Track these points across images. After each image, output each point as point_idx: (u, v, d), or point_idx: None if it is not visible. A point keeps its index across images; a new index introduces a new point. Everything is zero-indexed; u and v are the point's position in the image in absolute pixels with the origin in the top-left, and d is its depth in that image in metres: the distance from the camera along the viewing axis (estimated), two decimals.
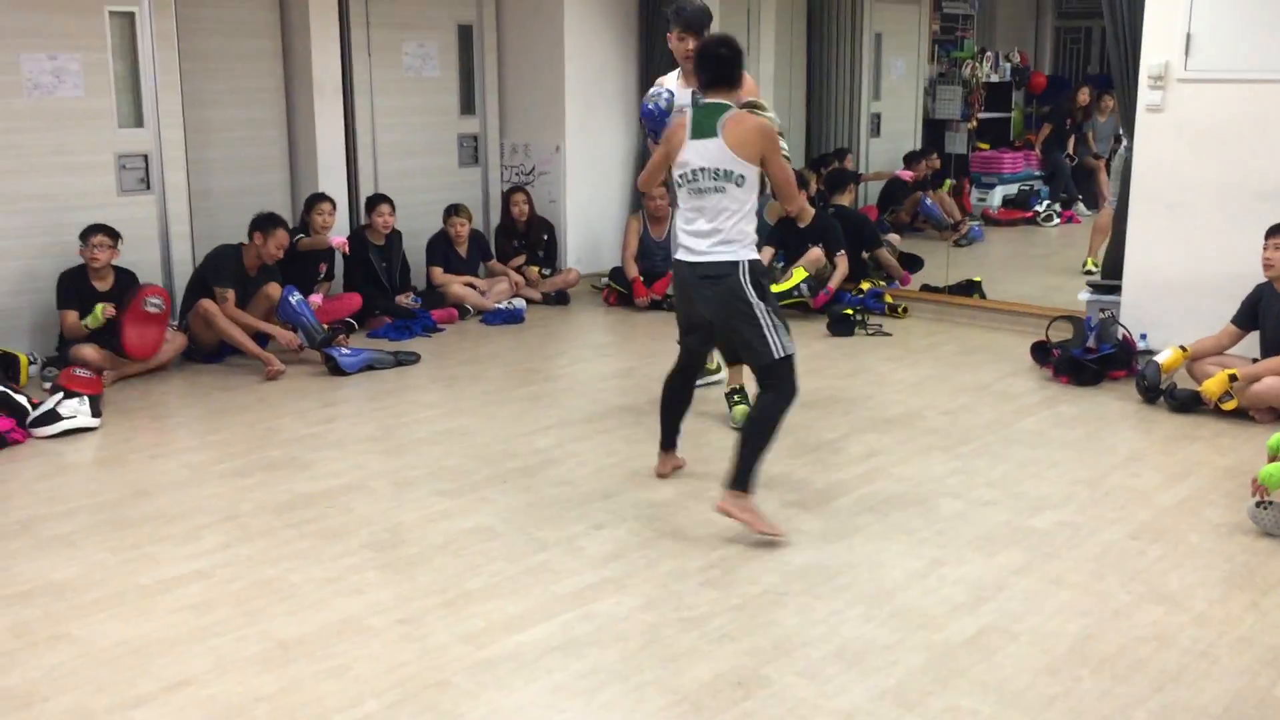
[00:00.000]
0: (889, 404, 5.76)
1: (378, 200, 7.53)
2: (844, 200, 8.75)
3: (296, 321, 6.57)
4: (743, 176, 4.13)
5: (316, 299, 6.95)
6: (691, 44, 4.86)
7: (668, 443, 4.78)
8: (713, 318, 4.27)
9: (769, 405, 4.17)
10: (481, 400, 5.91)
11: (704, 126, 4.14)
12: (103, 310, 6.03)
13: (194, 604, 3.65)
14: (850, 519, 4.32)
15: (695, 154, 4.14)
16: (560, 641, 3.40)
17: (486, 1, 8.51)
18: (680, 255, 4.27)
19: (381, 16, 7.92)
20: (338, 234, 7.44)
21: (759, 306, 4.12)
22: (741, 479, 4.11)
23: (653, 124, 4.83)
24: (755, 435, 4.13)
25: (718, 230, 4.15)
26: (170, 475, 4.85)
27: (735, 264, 4.14)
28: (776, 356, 4.13)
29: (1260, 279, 5.56)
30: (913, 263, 8.63)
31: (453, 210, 7.87)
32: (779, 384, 4.18)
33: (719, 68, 4.19)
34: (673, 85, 5.02)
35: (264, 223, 6.61)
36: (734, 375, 5.40)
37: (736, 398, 5.38)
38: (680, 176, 4.21)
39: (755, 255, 4.19)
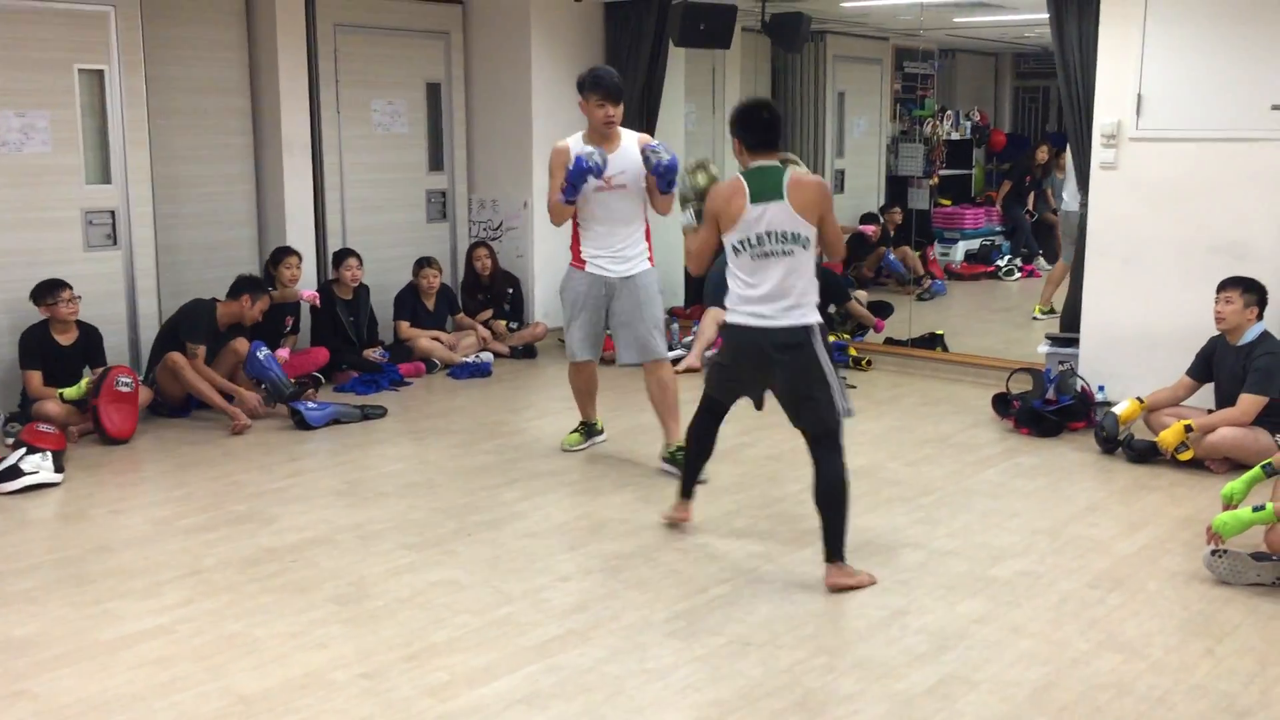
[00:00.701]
0: (852, 455, 5.76)
1: (345, 254, 7.58)
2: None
3: (264, 376, 6.57)
4: (808, 239, 4.13)
5: (284, 353, 6.97)
6: (612, 110, 5.25)
7: (689, 490, 4.76)
8: (786, 385, 4.18)
9: (838, 469, 4.14)
10: (448, 454, 5.92)
11: (766, 190, 4.11)
12: (88, 383, 6.03)
13: (155, 660, 3.63)
14: (814, 570, 4.35)
15: (759, 219, 4.10)
16: (524, 694, 3.41)
17: (455, 60, 8.63)
18: (747, 321, 4.17)
19: (350, 75, 8.01)
20: (305, 288, 7.46)
21: (830, 371, 4.12)
22: (840, 549, 4.14)
23: (578, 179, 5.16)
24: (839, 503, 4.14)
25: (787, 294, 4.11)
26: (133, 530, 4.82)
27: (809, 329, 4.13)
28: (841, 420, 4.15)
29: (1213, 331, 5.67)
30: (883, 309, 8.77)
31: (425, 262, 7.92)
32: (836, 445, 4.16)
33: (767, 131, 4.18)
34: (579, 147, 5.30)
35: (252, 286, 6.65)
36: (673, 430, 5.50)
37: (681, 455, 5.11)
38: (741, 243, 4.14)
39: (819, 317, 4.20)
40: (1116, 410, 5.82)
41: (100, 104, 6.74)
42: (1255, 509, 4.13)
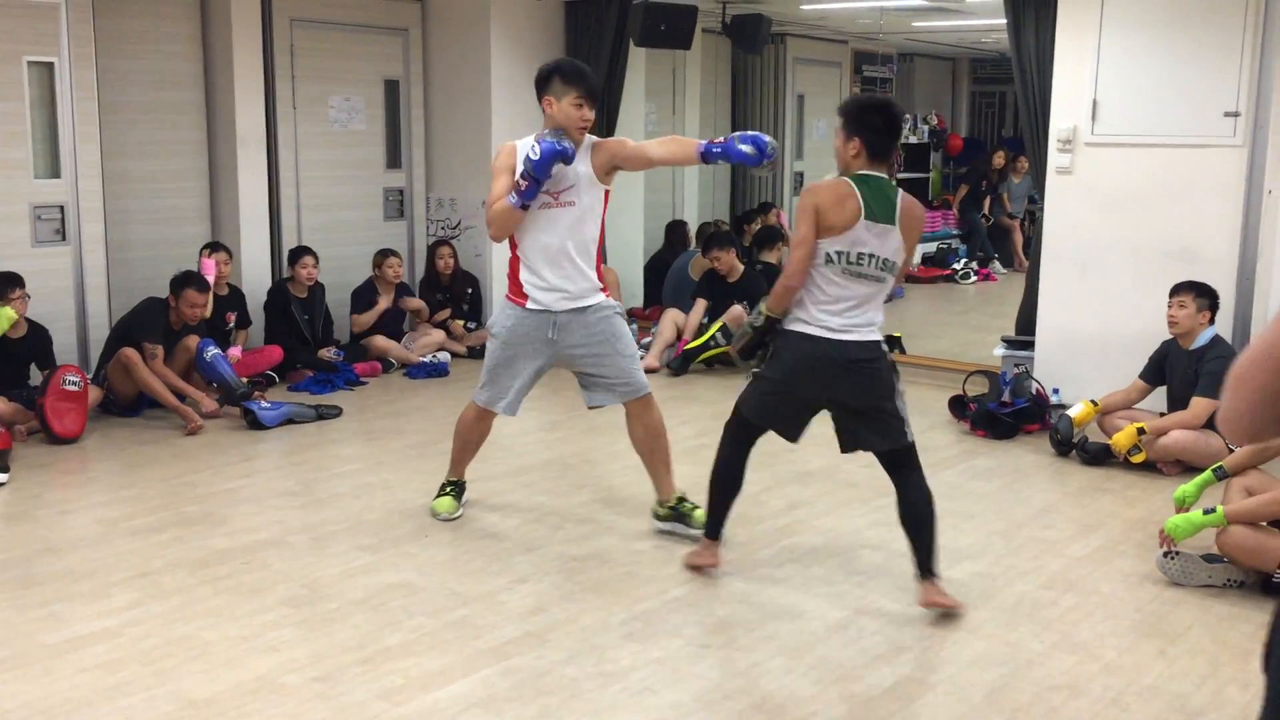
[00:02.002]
0: (810, 457, 5.82)
1: (301, 252, 7.49)
2: (771, 258, 8.87)
3: (214, 376, 6.48)
4: (898, 266, 3.90)
5: (235, 352, 6.87)
6: (589, 113, 4.38)
7: (719, 531, 4.28)
8: (855, 397, 3.93)
9: (925, 486, 3.98)
10: (404, 454, 5.87)
11: (881, 210, 3.81)
12: (11, 309, 5.86)
13: (103, 663, 3.56)
14: (771, 571, 4.35)
15: (868, 238, 3.80)
16: (480, 697, 3.37)
17: (413, 56, 8.56)
18: (815, 332, 3.86)
19: (307, 70, 7.92)
20: (260, 288, 7.37)
21: (899, 391, 3.95)
22: (934, 564, 3.95)
23: (544, 169, 4.26)
24: (932, 519, 3.96)
25: (867, 312, 3.88)
26: (80, 531, 4.73)
27: (879, 344, 3.92)
28: (911, 439, 3.98)
29: (1166, 335, 5.74)
30: None
31: (388, 253, 7.86)
32: (916, 461, 4.01)
33: (894, 138, 3.92)
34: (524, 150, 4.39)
35: (174, 285, 6.49)
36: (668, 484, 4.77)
37: (686, 505, 4.71)
38: (838, 254, 3.81)
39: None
40: (1071, 413, 5.87)
41: (50, 97, 6.62)
42: (1206, 512, 4.17)
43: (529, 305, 4.53)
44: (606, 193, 4.55)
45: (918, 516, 3.97)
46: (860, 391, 3.91)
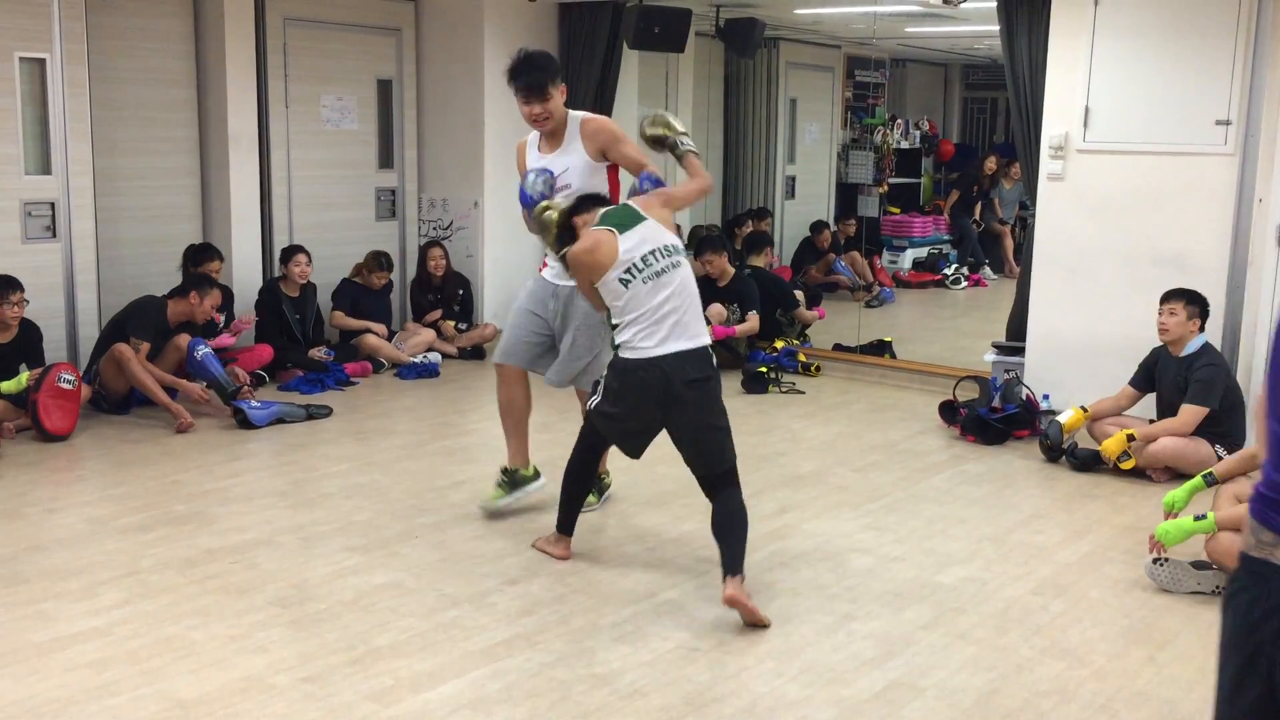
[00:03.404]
0: (801, 461, 5.83)
1: (294, 250, 7.47)
2: (760, 262, 8.88)
3: (204, 374, 6.46)
4: (679, 244, 4.11)
5: (229, 339, 6.84)
6: (537, 108, 4.56)
7: (569, 527, 4.46)
8: (688, 422, 4.03)
9: (740, 500, 4.09)
10: (394, 454, 5.85)
11: (626, 219, 4.10)
12: (28, 377, 5.89)
13: (90, 662, 3.54)
14: (761, 575, 4.35)
15: (633, 244, 4.00)
16: (470, 699, 3.36)
17: (406, 56, 8.55)
18: (653, 352, 3.96)
19: (300, 69, 7.90)
20: (250, 287, 7.35)
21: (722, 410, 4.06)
22: (740, 565, 3.95)
23: (526, 206, 4.54)
24: (744, 528, 4.02)
25: (686, 313, 4.01)
26: (69, 530, 4.71)
27: (711, 356, 4.02)
28: (733, 462, 4.09)
29: (1156, 342, 5.75)
30: (815, 299, 8.98)
31: (383, 264, 7.88)
32: (736, 480, 4.11)
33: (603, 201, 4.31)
34: (534, 148, 4.74)
35: (199, 281, 6.57)
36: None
37: (606, 479, 5.10)
38: (625, 275, 3.99)
39: None
40: (1061, 419, 5.88)
41: (41, 93, 6.59)
42: (1197, 518, 4.18)
43: (544, 274, 4.86)
44: (611, 167, 4.70)
45: (738, 526, 4.03)
46: (692, 413, 4.02)
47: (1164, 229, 6.26)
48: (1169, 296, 5.67)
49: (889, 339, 8.26)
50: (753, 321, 7.93)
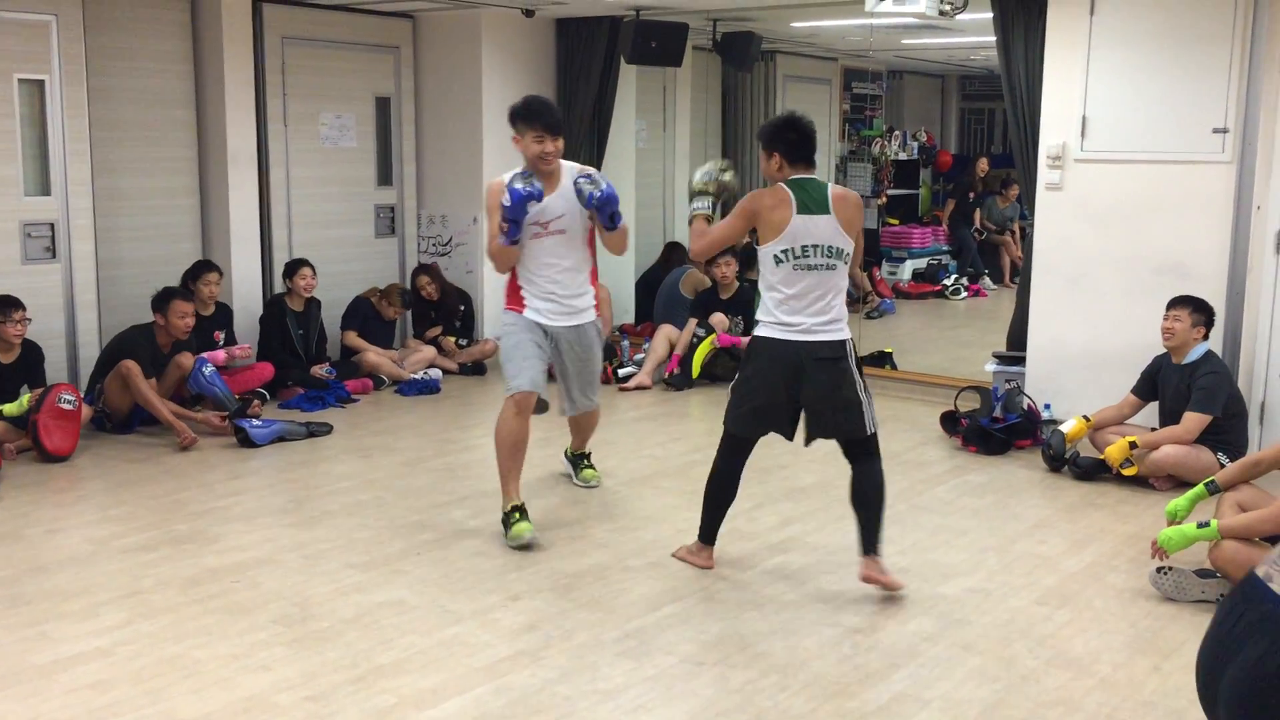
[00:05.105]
0: (802, 473, 5.82)
1: (300, 264, 7.47)
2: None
3: (208, 392, 6.46)
4: (848, 254, 4.21)
5: (221, 356, 6.80)
6: (550, 146, 4.68)
7: (712, 536, 4.55)
8: (819, 393, 4.18)
9: (880, 471, 4.31)
10: (396, 471, 5.85)
11: (813, 202, 4.16)
12: (28, 399, 5.89)
13: (93, 683, 3.53)
14: (765, 588, 4.34)
15: (806, 229, 4.12)
16: (473, 716, 3.35)
17: (405, 74, 8.57)
18: (783, 335, 4.16)
19: (298, 88, 7.92)
20: (251, 305, 7.35)
21: (861, 384, 4.23)
22: (877, 543, 4.26)
23: (518, 212, 4.60)
24: (882, 501, 4.29)
25: (830, 308, 4.17)
26: (70, 550, 4.70)
27: (845, 343, 4.21)
28: (873, 429, 4.27)
29: (1158, 350, 5.75)
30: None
31: (402, 300, 7.95)
32: (876, 450, 4.32)
33: (808, 143, 4.28)
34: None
35: (156, 301, 6.50)
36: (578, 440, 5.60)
37: (586, 463, 5.64)
38: (784, 253, 4.13)
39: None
40: (1063, 428, 5.87)
41: (40, 114, 6.60)
42: (1200, 525, 4.17)
43: (525, 313, 4.90)
44: (592, 216, 4.88)
45: (877, 500, 4.29)
46: (824, 388, 4.18)
47: (1163, 237, 6.27)
48: (1175, 303, 5.67)
49: (889, 350, 8.25)
50: None
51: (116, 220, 7.18)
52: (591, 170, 4.87)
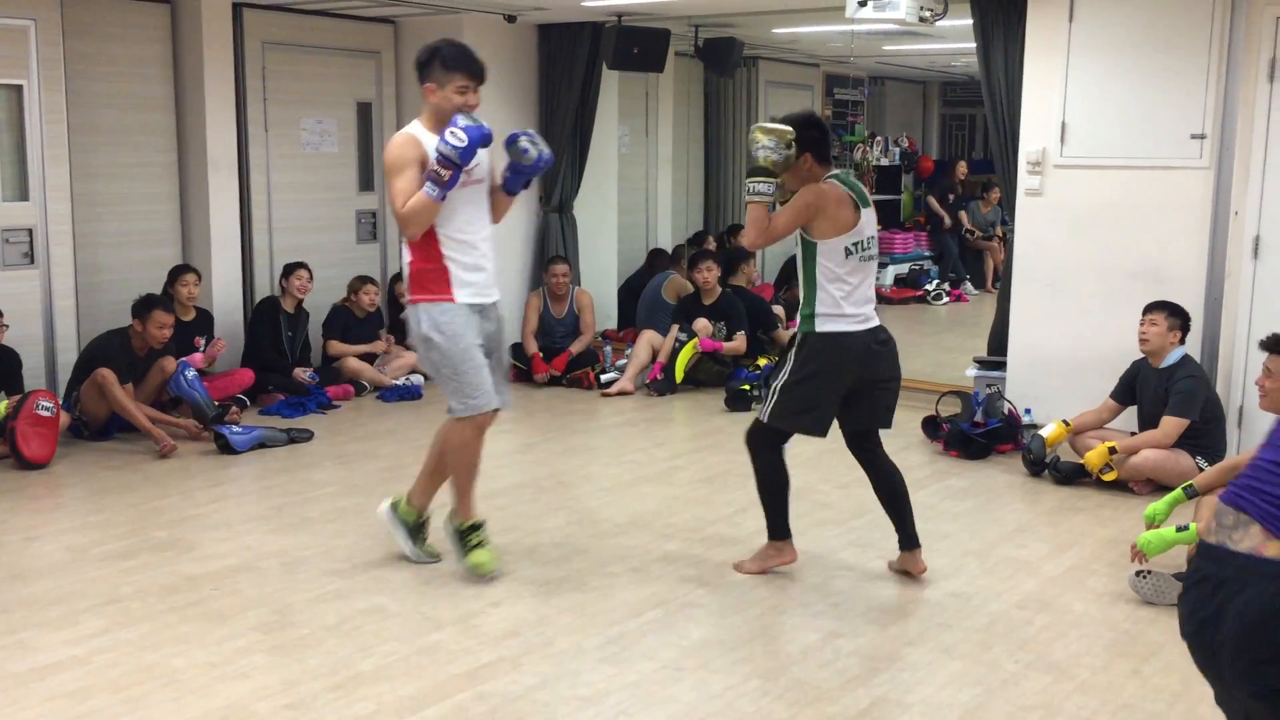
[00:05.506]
0: None
1: (297, 266, 7.50)
2: (741, 280, 8.89)
3: (188, 397, 6.43)
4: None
5: (200, 359, 6.77)
6: (474, 98, 4.17)
7: (786, 529, 4.55)
8: (875, 382, 4.34)
9: (891, 460, 4.52)
10: (377, 478, 5.82)
11: (863, 197, 4.29)
12: (6, 405, 5.85)
13: (71, 691, 3.51)
14: (746, 593, 4.34)
15: (867, 224, 4.27)
16: None
17: (386, 79, 8.55)
18: (852, 327, 4.22)
19: (279, 93, 7.89)
20: (232, 311, 7.32)
21: None
22: (916, 535, 4.46)
23: (469, 156, 4.04)
24: (907, 490, 4.48)
25: (873, 296, 4.35)
26: (48, 558, 4.67)
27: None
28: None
29: (1137, 355, 5.78)
30: (791, 309, 9.06)
31: (365, 279, 7.92)
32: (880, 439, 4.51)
33: (830, 142, 4.42)
34: (430, 140, 4.14)
35: (137, 308, 6.46)
36: (464, 508, 4.51)
37: (475, 537, 4.46)
38: (854, 245, 4.21)
39: None
40: (1043, 433, 5.90)
41: (18, 119, 6.56)
42: (1179, 529, 4.18)
43: (461, 299, 4.23)
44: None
45: (904, 492, 4.48)
46: (887, 368, 4.36)
47: (1142, 242, 6.30)
48: (1151, 308, 5.71)
49: None
50: (740, 342, 7.95)
51: (96, 226, 7.14)
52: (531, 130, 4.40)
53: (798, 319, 4.41)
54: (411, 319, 4.31)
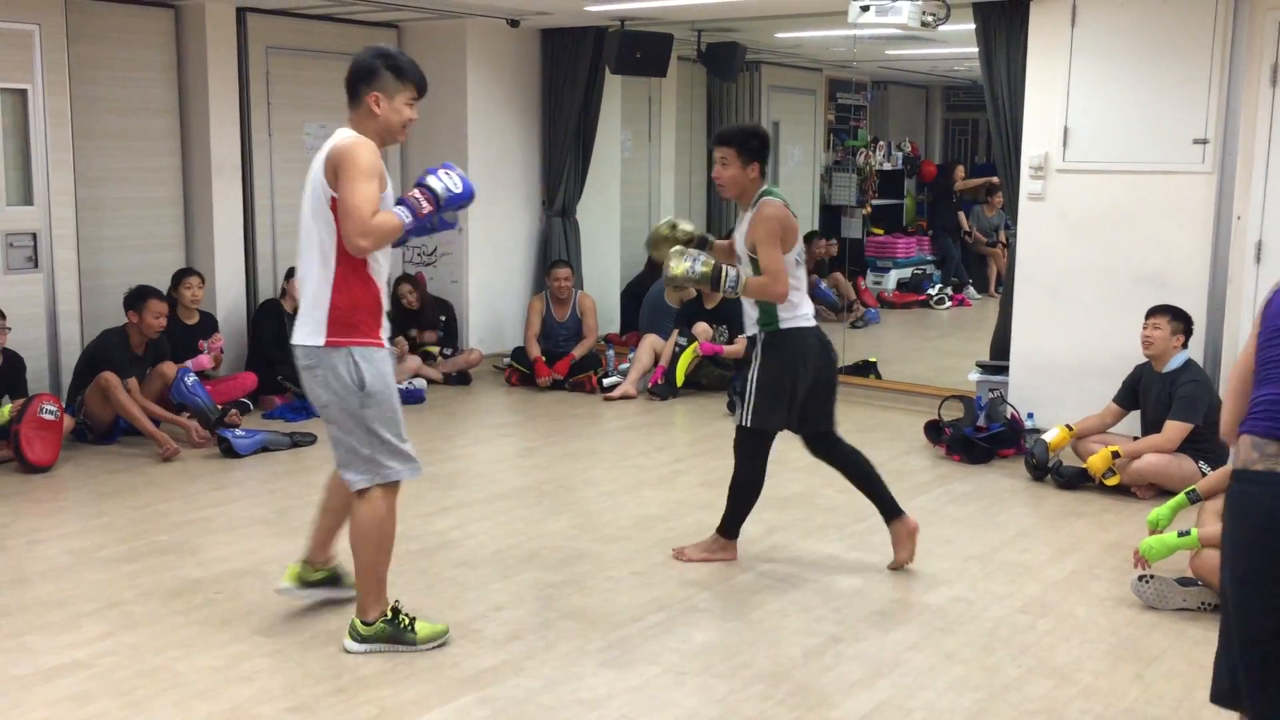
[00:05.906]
0: (786, 482, 5.82)
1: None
2: None
3: (190, 402, 6.44)
4: None
5: (206, 360, 6.77)
6: (416, 114, 3.84)
7: (737, 533, 4.77)
8: (825, 381, 4.55)
9: (848, 442, 4.71)
10: None
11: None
12: (10, 409, 5.86)
13: (73, 695, 3.51)
14: (749, 597, 4.34)
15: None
16: None
17: None
18: (808, 323, 4.50)
19: (283, 97, 7.91)
20: (235, 315, 7.32)
21: None
22: (896, 503, 4.65)
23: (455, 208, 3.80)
24: (872, 465, 4.68)
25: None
26: (51, 562, 4.68)
27: None
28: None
29: (1140, 359, 5.78)
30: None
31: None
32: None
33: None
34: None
35: (133, 299, 6.47)
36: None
37: (404, 618, 3.83)
38: (799, 256, 4.50)
39: None
40: (1046, 437, 5.90)
41: (23, 124, 6.58)
42: (1181, 534, 4.19)
43: (387, 345, 3.82)
44: None
45: (872, 475, 4.64)
46: (835, 361, 4.61)
47: (1144, 247, 6.31)
48: (1154, 312, 5.71)
49: (874, 359, 8.28)
50: (740, 345, 7.94)
51: (99, 230, 7.16)
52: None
53: (754, 329, 4.52)
54: (335, 366, 3.70)
